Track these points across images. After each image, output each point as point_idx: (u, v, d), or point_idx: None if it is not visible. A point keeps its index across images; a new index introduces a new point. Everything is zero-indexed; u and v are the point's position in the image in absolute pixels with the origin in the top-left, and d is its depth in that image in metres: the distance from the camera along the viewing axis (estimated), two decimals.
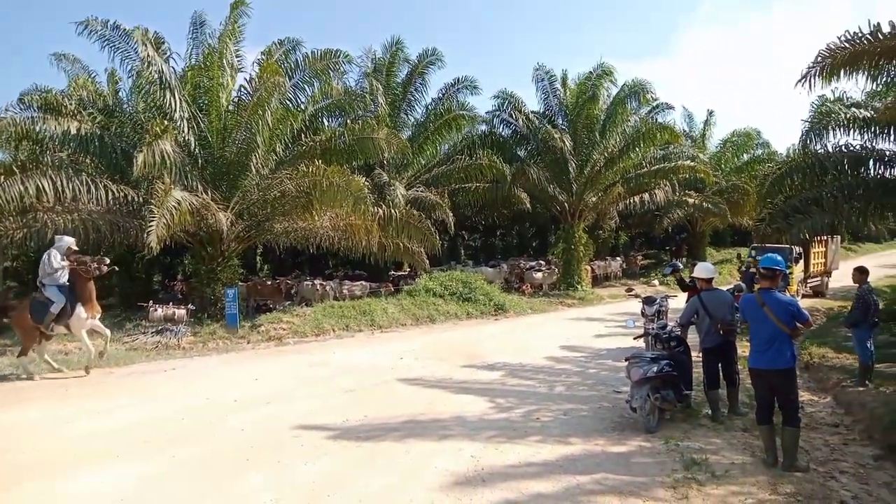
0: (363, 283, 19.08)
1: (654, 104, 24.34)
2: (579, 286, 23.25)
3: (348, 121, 18.80)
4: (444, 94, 23.24)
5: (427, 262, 18.88)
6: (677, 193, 27.57)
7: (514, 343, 13.24)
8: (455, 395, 8.66)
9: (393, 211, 16.89)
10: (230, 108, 15.96)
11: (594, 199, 24.30)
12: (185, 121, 14.64)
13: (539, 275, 23.56)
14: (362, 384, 9.33)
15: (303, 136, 17.51)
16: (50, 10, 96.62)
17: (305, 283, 18.18)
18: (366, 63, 23.07)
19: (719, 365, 7.57)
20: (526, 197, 23.07)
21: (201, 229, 14.78)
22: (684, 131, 32.04)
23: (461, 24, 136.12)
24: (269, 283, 18.88)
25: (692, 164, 24.68)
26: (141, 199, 13.88)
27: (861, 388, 8.40)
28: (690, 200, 28.04)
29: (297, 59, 17.40)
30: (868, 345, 8.76)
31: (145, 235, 11.87)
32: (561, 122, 23.96)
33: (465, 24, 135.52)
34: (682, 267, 13.05)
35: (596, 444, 6.51)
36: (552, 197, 23.40)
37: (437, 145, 23.40)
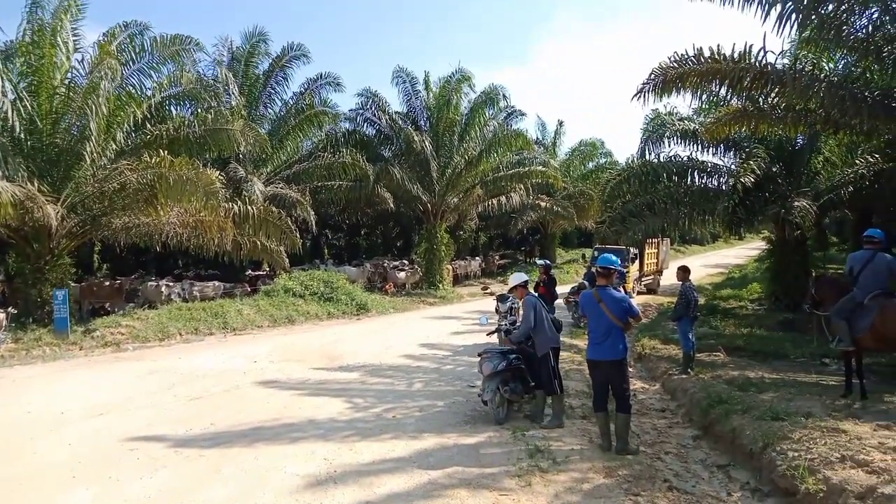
0: (216, 283, 18.06)
1: (510, 111, 25.53)
2: (441, 285, 23.75)
3: (200, 110, 17.71)
4: (306, 90, 22.69)
5: (287, 261, 18.27)
6: (531, 197, 29.12)
7: (375, 342, 13.20)
8: (311, 398, 8.45)
9: (250, 207, 16.10)
10: (62, 90, 14.40)
11: (455, 200, 24.94)
12: (8, 102, 12.94)
13: (402, 274, 23.76)
14: (210, 391, 8.80)
15: (148, 124, 16.18)
16: None
17: (149, 283, 16.84)
18: (222, 53, 21.91)
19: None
20: (390, 197, 23.18)
21: (26, 224, 13.18)
22: (538, 139, 33.98)
23: (327, 23, 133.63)
24: (107, 283, 17.26)
25: (544, 169, 26.18)
26: None
27: (684, 376, 9.36)
28: (542, 204, 29.85)
29: (143, 43, 16.14)
30: (690, 336, 9.78)
31: None
32: (423, 123, 24.36)
33: (331, 23, 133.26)
34: (552, 264, 13.76)
35: (449, 437, 6.66)
36: (416, 197, 23.68)
37: (299, 141, 22.78)
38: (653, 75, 10.79)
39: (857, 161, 13.34)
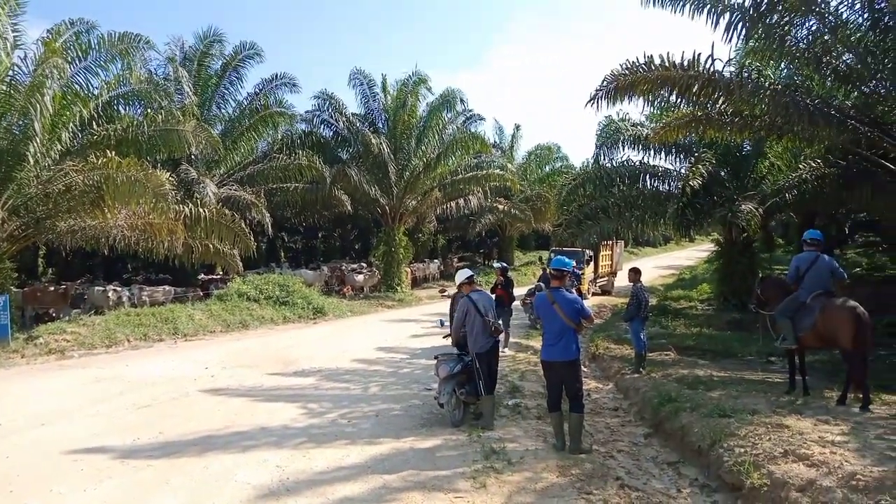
0: (166, 287, 17.62)
1: (468, 115, 25.70)
2: (399, 288, 23.69)
3: (150, 111, 17.22)
4: (261, 90, 22.30)
5: (241, 264, 17.93)
6: (489, 200, 29.34)
7: (331, 346, 13.05)
8: (264, 404, 8.28)
9: (202, 210, 15.74)
10: (2, 87, 13.81)
11: (414, 202, 24.91)
12: None
13: (360, 277, 23.63)
14: (158, 399, 8.53)
15: (95, 124, 15.64)
16: None
17: (96, 288, 16.28)
18: (175, 52, 21.35)
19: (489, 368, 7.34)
20: (347, 199, 22.99)
21: None
22: (495, 143, 34.25)
23: (282, 27, 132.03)
24: (51, 288, 16.60)
25: (502, 172, 26.46)
26: None
27: (636, 375, 9.55)
28: (500, 207, 30.11)
29: (90, 41, 15.60)
30: (642, 336, 9.98)
31: None
32: (381, 126, 24.31)
33: (287, 27, 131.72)
34: (509, 266, 13.85)
35: (404, 441, 6.63)
36: (374, 200, 23.56)
37: (253, 142, 22.32)
38: (605, 82, 10.95)
39: (801, 166, 13.84)
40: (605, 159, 16.04)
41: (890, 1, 8.35)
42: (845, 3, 9.40)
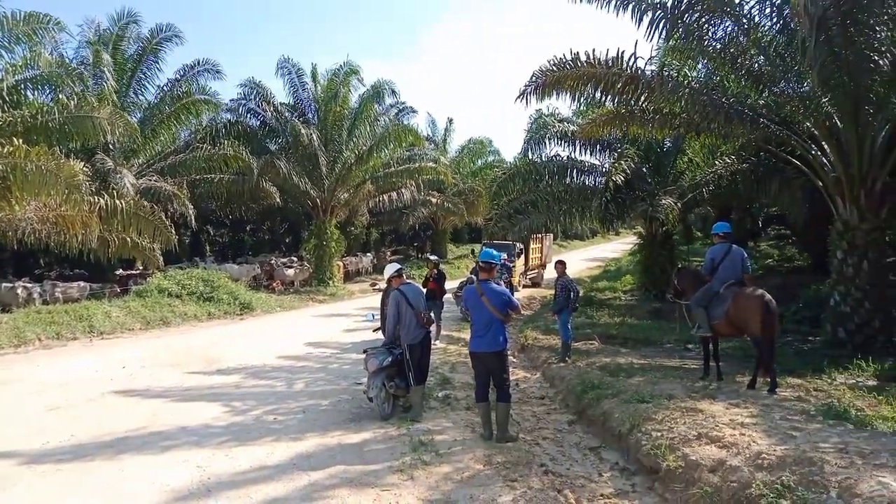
0: (81, 283, 16.66)
1: (401, 107, 25.51)
2: (331, 282, 23.34)
3: (62, 96, 16.19)
4: (182, 76, 21.30)
5: (161, 259, 17.19)
6: (422, 193, 29.34)
7: (257, 343, 12.70)
8: (184, 403, 7.97)
9: (119, 202, 14.97)
10: None
11: (346, 195, 24.55)
12: None
13: (290, 271, 23.13)
14: (71, 400, 8.06)
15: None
16: None
17: (4, 285, 15.22)
18: (89, 34, 20.15)
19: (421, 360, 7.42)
20: (276, 191, 22.43)
21: None
22: (428, 136, 34.28)
23: (209, 15, 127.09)
24: None
25: (434, 165, 26.46)
26: None
27: (562, 364, 9.80)
28: (433, 200, 30.19)
29: None
30: (569, 326, 10.26)
31: None
32: (312, 116, 23.81)
33: (214, 15, 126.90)
34: (440, 260, 13.85)
35: (332, 437, 6.54)
36: (304, 192, 23.04)
37: (175, 131, 21.37)
38: (534, 78, 11.13)
39: (717, 162, 14.54)
40: (533, 154, 16.35)
41: (793, 6, 8.83)
42: (757, 6, 9.92)
